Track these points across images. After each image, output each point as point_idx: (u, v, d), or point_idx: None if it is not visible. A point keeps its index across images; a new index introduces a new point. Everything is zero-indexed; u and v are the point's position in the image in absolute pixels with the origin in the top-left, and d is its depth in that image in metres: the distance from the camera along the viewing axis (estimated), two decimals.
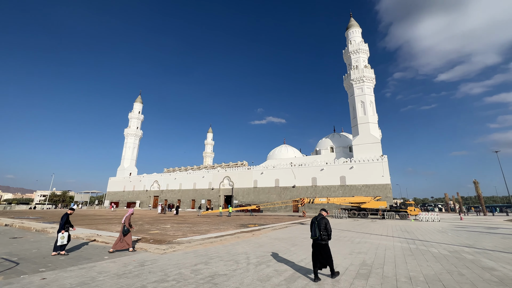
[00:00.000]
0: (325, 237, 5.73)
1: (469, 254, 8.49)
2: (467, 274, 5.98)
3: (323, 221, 5.88)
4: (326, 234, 5.75)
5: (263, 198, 49.53)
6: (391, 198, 39.60)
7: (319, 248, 5.72)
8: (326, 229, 5.78)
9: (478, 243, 10.86)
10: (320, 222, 5.85)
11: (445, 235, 14.03)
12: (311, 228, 5.95)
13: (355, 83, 48.84)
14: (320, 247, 5.72)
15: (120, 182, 74.49)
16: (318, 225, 5.82)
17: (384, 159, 41.35)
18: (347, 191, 42.30)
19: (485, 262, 7.24)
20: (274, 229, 16.73)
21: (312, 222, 5.97)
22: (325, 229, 5.78)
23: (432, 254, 8.49)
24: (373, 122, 46.62)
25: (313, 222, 5.96)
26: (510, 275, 5.90)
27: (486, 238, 12.52)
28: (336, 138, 55.69)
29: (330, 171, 45.04)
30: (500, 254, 8.52)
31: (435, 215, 25.82)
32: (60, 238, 7.77)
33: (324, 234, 5.73)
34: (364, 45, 52.18)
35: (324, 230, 5.76)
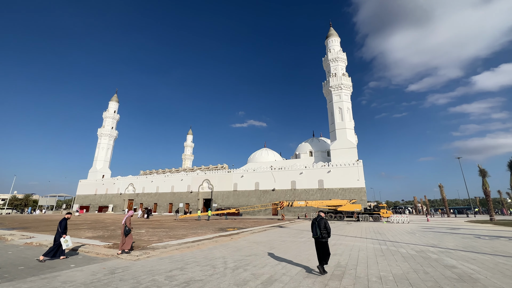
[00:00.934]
0: (325, 235, 6.32)
1: (434, 253, 9.10)
2: (431, 273, 6.40)
3: (322, 221, 6.48)
4: (326, 232, 6.35)
5: (243, 201, 49.34)
6: (366, 201, 41.32)
7: (321, 245, 6.36)
8: (325, 228, 6.38)
9: (441, 243, 11.67)
10: (320, 223, 6.46)
11: (413, 236, 14.91)
12: (312, 228, 6.54)
13: (333, 90, 50.69)
14: (321, 245, 6.35)
15: (92, 185, 70.34)
16: (318, 225, 6.43)
17: (359, 163, 43.14)
18: (325, 194, 43.47)
19: (447, 261, 7.79)
20: (252, 232, 16.71)
21: (313, 223, 6.56)
22: (325, 228, 6.37)
23: (401, 254, 8.98)
24: (350, 128, 48.58)
25: (313, 223, 6.54)
26: (468, 272, 6.40)
27: (448, 238, 13.49)
28: (315, 143, 57.21)
29: (309, 175, 46.04)
30: (460, 252, 9.22)
31: (404, 217, 27.36)
32: (64, 242, 8.00)
33: (324, 232, 6.34)
34: (342, 54, 54.47)
35: (324, 229, 6.37)
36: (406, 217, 27.62)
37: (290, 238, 13.71)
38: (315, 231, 6.46)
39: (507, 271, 6.47)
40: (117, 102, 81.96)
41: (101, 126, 77.16)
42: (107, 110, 79.16)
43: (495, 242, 11.82)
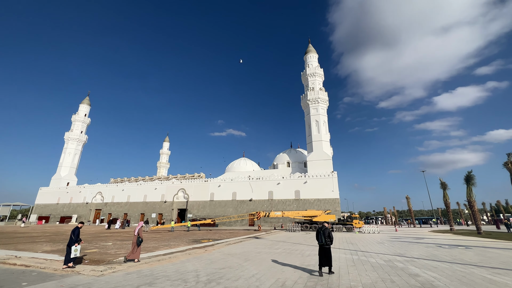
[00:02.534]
0: (329, 242, 7.37)
1: (400, 262, 9.56)
2: (397, 281, 6.71)
3: (326, 231, 7.56)
4: (329, 240, 7.39)
5: (219, 211, 48.35)
6: (340, 212, 42.54)
7: (324, 251, 7.36)
8: (329, 237, 7.44)
9: (407, 252, 12.31)
10: (325, 232, 7.52)
11: (382, 245, 15.57)
12: (318, 236, 7.59)
13: (311, 103, 52.62)
14: (325, 250, 7.35)
15: (54, 193, 64.79)
16: (323, 234, 7.49)
17: (334, 175, 44.62)
18: (301, 205, 44.09)
19: (412, 269, 8.23)
20: (228, 244, 16.36)
21: (318, 232, 7.64)
22: (329, 237, 7.44)
23: (370, 264, 9.31)
24: (326, 140, 50.41)
25: (318, 232, 7.63)
26: (430, 280, 6.81)
27: (414, 248, 14.28)
28: (293, 154, 58.36)
29: (286, 185, 46.56)
30: (423, 261, 9.78)
31: (375, 228, 28.53)
32: (74, 251, 8.08)
33: (328, 240, 7.39)
34: (320, 70, 57.12)
35: (328, 238, 7.42)
36: (377, 228, 28.81)
37: (266, 250, 13.62)
38: (321, 238, 7.46)
39: (463, 278, 6.98)
40: (89, 105, 77.63)
41: (69, 130, 72.17)
42: (77, 113, 74.54)
43: (454, 251, 12.73)
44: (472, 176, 26.97)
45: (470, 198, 26.94)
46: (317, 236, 7.66)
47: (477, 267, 8.57)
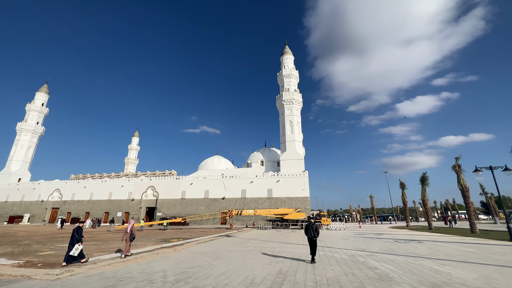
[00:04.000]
0: (316, 235, 9.12)
1: (362, 257, 10.25)
2: (358, 274, 7.20)
3: (314, 226, 9.28)
4: (316, 233, 9.16)
5: (191, 210, 47.34)
6: (309, 210, 44.21)
7: (312, 242, 9.11)
8: (316, 231, 9.21)
9: (368, 247, 13.24)
10: (313, 226, 9.25)
11: (347, 241, 16.53)
12: (307, 230, 9.29)
13: (286, 104, 53.74)
14: (312, 242, 9.11)
15: (3, 190, 58.11)
16: (311, 228, 9.21)
17: (305, 174, 46.15)
18: (273, 203, 44.93)
19: (371, 263, 8.88)
20: (198, 242, 16.13)
21: (307, 227, 9.33)
22: (316, 231, 9.20)
23: (335, 259, 9.86)
24: (299, 140, 51.90)
25: (307, 227, 9.32)
26: (386, 272, 7.41)
27: (374, 243, 15.39)
28: (266, 153, 59.16)
29: (259, 184, 47.06)
30: (382, 255, 10.60)
31: (341, 225, 30.16)
32: (75, 249, 8.41)
33: (316, 234, 9.12)
34: (295, 72, 58.55)
35: (315, 232, 9.17)
36: (343, 225, 30.48)
37: (237, 248, 13.68)
38: (310, 232, 9.18)
39: (414, 269, 7.71)
40: (47, 94, 70.78)
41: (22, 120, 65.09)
42: (33, 102, 67.58)
43: (408, 245, 13.98)
44: (426, 177, 29.75)
45: (424, 197, 29.71)
46: (306, 230, 9.33)
47: (426, 259, 9.52)
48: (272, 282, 6.37)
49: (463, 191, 22.86)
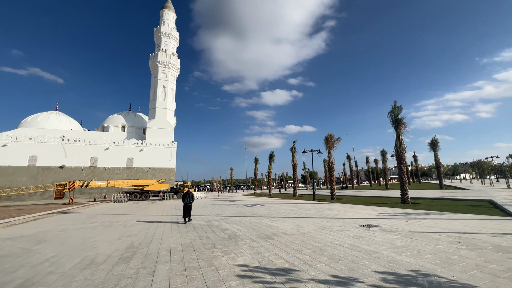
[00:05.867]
0: (191, 201, 11.28)
1: (216, 221, 11.42)
2: (211, 237, 7.92)
3: (190, 194, 11.35)
4: (192, 200, 11.33)
5: (3, 182, 33.76)
6: (174, 181, 43.76)
7: (188, 207, 11.17)
8: (192, 198, 11.36)
9: (223, 212, 14.96)
10: (189, 194, 11.28)
11: (205, 208, 17.86)
12: (184, 198, 11.20)
13: (161, 66, 48.19)
14: (188, 207, 11.17)
15: None
16: (188, 196, 11.22)
17: (173, 145, 44.69)
18: (133, 174, 40.56)
19: (224, 225, 10.07)
20: (10, 225, 11.82)
21: (184, 195, 11.22)
22: (192, 198, 11.35)
23: (193, 225, 10.35)
24: (171, 109, 48.81)
25: (185, 195, 11.22)
26: (234, 231, 8.66)
27: (228, 208, 17.61)
28: (131, 117, 51.47)
29: (117, 152, 40.61)
30: (233, 218, 12.31)
31: (202, 194, 32.19)
32: None
33: (191, 200, 11.28)
34: (176, 33, 53.11)
35: (191, 198, 11.30)
36: (204, 194, 32.65)
37: (76, 225, 11.24)
38: (186, 199, 11.17)
39: (255, 227, 9.51)
40: None
41: None
42: None
43: (253, 208, 17.11)
44: (273, 155, 37.32)
45: (269, 171, 37.30)
46: (183, 198, 11.20)
47: (264, 217, 12.03)
48: (119, 259, 5.72)
49: (293, 166, 30.64)
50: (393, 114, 16.83)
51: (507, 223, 8.17)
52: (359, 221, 9.84)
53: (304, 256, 5.36)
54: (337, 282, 3.92)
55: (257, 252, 5.84)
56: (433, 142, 33.75)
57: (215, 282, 4.08)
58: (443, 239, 6.33)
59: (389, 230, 7.79)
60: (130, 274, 4.64)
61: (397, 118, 16.65)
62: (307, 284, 3.86)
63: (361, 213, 12.05)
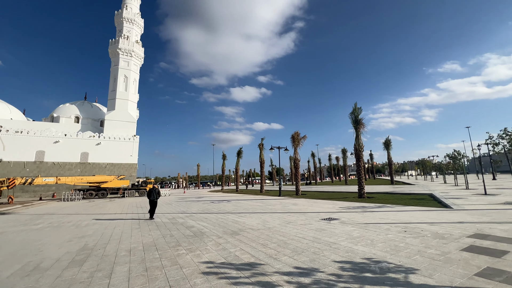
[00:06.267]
0: (158, 197, 11.22)
1: (181, 218, 11.07)
2: (176, 235, 7.66)
3: (157, 190, 11.31)
4: (158, 196, 11.28)
5: None
6: (135, 177, 41.21)
7: (154, 203, 11.17)
8: (158, 194, 11.32)
9: (189, 209, 14.57)
10: (156, 190, 11.22)
11: (170, 206, 17.20)
12: (150, 194, 11.06)
13: (122, 53, 44.63)
14: (154, 203, 11.16)
15: None
16: (154, 192, 11.12)
17: (136, 139, 42.00)
18: (88, 170, 37.18)
19: (189, 222, 9.81)
20: None
21: (150, 191, 11.11)
22: (158, 194, 11.31)
23: (156, 223, 9.89)
24: (133, 101, 45.67)
25: (151, 191, 11.11)
26: (200, 228, 8.50)
27: (194, 205, 17.21)
28: (86, 108, 46.89)
29: (69, 145, 36.78)
30: (199, 215, 12.06)
31: (167, 191, 30.92)
32: None
33: (158, 196, 11.23)
34: (140, 20, 49.57)
35: (158, 194, 11.25)
36: (169, 191, 31.38)
37: (17, 228, 9.94)
38: (153, 195, 11.07)
39: (222, 223, 9.45)
40: None
41: None
42: None
43: (220, 204, 16.97)
44: (241, 151, 37.34)
45: (237, 167, 37.28)
46: (149, 194, 11.11)
47: (231, 213, 12.02)
48: (70, 262, 5.21)
49: (261, 163, 31.09)
50: (354, 115, 18.05)
51: (443, 213, 9.40)
52: (321, 215, 10.40)
53: (270, 250, 5.50)
54: (299, 273, 4.10)
55: (223, 248, 5.82)
56: (386, 142, 37.10)
57: (179, 281, 3.96)
58: (392, 229, 7.03)
59: (347, 222, 8.39)
60: (83, 278, 4.27)
61: (357, 119, 17.90)
62: (272, 277, 3.97)
63: (323, 207, 12.76)
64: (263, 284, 3.71)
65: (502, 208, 9.92)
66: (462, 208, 10.33)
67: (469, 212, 9.25)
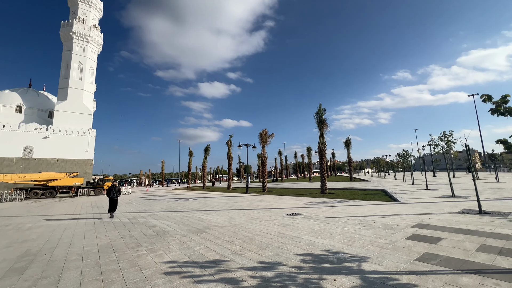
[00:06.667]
0: (118, 195, 10.98)
1: (143, 217, 10.50)
2: (136, 235, 7.24)
3: (117, 188, 11.06)
4: (119, 193, 11.06)
5: None
6: (91, 174, 37.86)
7: (114, 201, 10.84)
8: (119, 191, 11.09)
9: (151, 208, 13.88)
10: (116, 188, 10.96)
11: (130, 205, 16.18)
12: (110, 192, 10.76)
13: (77, 38, 40.32)
14: (115, 201, 10.85)
15: None
16: (114, 190, 10.87)
17: (92, 133, 38.52)
18: (33, 166, 33.05)
19: (151, 222, 9.35)
20: None
21: (110, 189, 10.82)
22: (119, 191, 11.07)
23: (113, 224, 9.23)
24: (89, 91, 41.68)
25: (110, 189, 10.82)
26: (163, 227, 8.16)
27: (157, 203, 16.44)
28: (32, 96, 41.40)
29: (8, 138, 32.26)
30: (163, 213, 11.57)
31: (127, 189, 29.04)
32: None
33: (118, 194, 10.99)
34: (98, 2, 45.25)
35: (118, 192, 11.01)
36: (129, 189, 29.48)
37: None
38: (113, 193, 10.76)
39: (186, 221, 9.20)
40: None
41: None
42: None
43: (185, 202, 16.49)
44: (209, 148, 36.67)
45: (204, 164, 36.54)
46: (109, 192, 10.78)
47: (197, 211, 11.77)
48: (7, 271, 4.60)
49: (229, 160, 30.92)
50: (318, 115, 18.96)
51: (393, 206, 10.43)
52: (286, 210, 10.76)
53: (235, 247, 5.53)
54: (263, 267, 4.21)
55: (187, 247, 5.68)
56: (347, 142, 39.70)
57: (138, 283, 3.77)
58: (349, 222, 7.59)
59: (310, 217, 8.81)
60: (24, 287, 3.80)
61: (321, 119, 18.83)
62: (236, 273, 4.00)
63: (288, 203, 13.21)
64: (227, 281, 3.72)
65: (439, 201, 11.37)
66: (408, 201, 11.59)
67: (413, 205, 10.42)
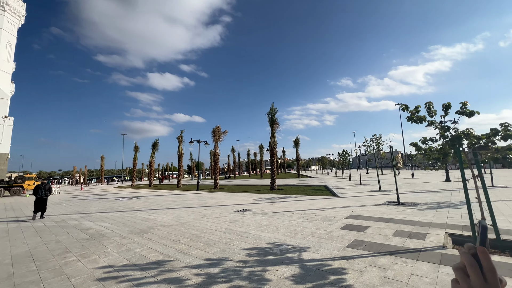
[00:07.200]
0: (48, 194, 9.93)
1: (75, 220, 9.28)
2: (64, 240, 6.36)
3: (47, 186, 10.04)
4: (49, 193, 10.00)
5: None
6: (5, 171, 31.61)
7: (42, 201, 9.76)
8: (49, 190, 10.06)
9: (86, 209, 12.36)
10: (46, 187, 9.95)
11: (59, 206, 14.11)
12: (38, 190, 9.76)
13: None
14: (43, 201, 9.77)
15: None
16: (44, 189, 9.86)
17: (9, 121, 32.10)
18: None
19: (85, 224, 8.34)
20: None
21: (38, 187, 9.83)
22: (49, 190, 10.03)
23: (34, 228, 7.92)
24: (6, 70, 34.51)
25: (38, 187, 9.83)
26: (100, 230, 7.37)
27: (94, 203, 14.72)
28: None
29: None
30: (100, 214, 10.41)
31: (57, 188, 25.20)
32: None
33: (47, 193, 9.93)
34: None
35: (48, 191, 9.97)
36: (58, 188, 25.61)
37: None
38: (41, 191, 9.72)
39: (128, 222, 8.49)
40: None
41: None
42: None
43: (128, 201, 15.17)
44: (157, 143, 34.35)
45: (151, 160, 34.15)
46: (37, 191, 9.72)
47: (141, 211, 10.95)
48: None
49: (179, 156, 29.58)
50: (270, 114, 19.64)
51: (332, 200, 11.56)
52: (236, 207, 10.89)
53: (181, 246, 5.37)
54: (209, 264, 4.20)
55: (127, 249, 5.27)
56: (296, 141, 42.17)
57: None
58: (294, 216, 8.14)
59: (258, 212, 9.12)
60: None
61: (273, 118, 19.56)
62: (180, 272, 3.90)
63: (238, 200, 13.39)
64: (170, 281, 3.60)
65: (369, 194, 13.08)
66: (345, 195, 13.01)
67: (348, 199, 11.74)
